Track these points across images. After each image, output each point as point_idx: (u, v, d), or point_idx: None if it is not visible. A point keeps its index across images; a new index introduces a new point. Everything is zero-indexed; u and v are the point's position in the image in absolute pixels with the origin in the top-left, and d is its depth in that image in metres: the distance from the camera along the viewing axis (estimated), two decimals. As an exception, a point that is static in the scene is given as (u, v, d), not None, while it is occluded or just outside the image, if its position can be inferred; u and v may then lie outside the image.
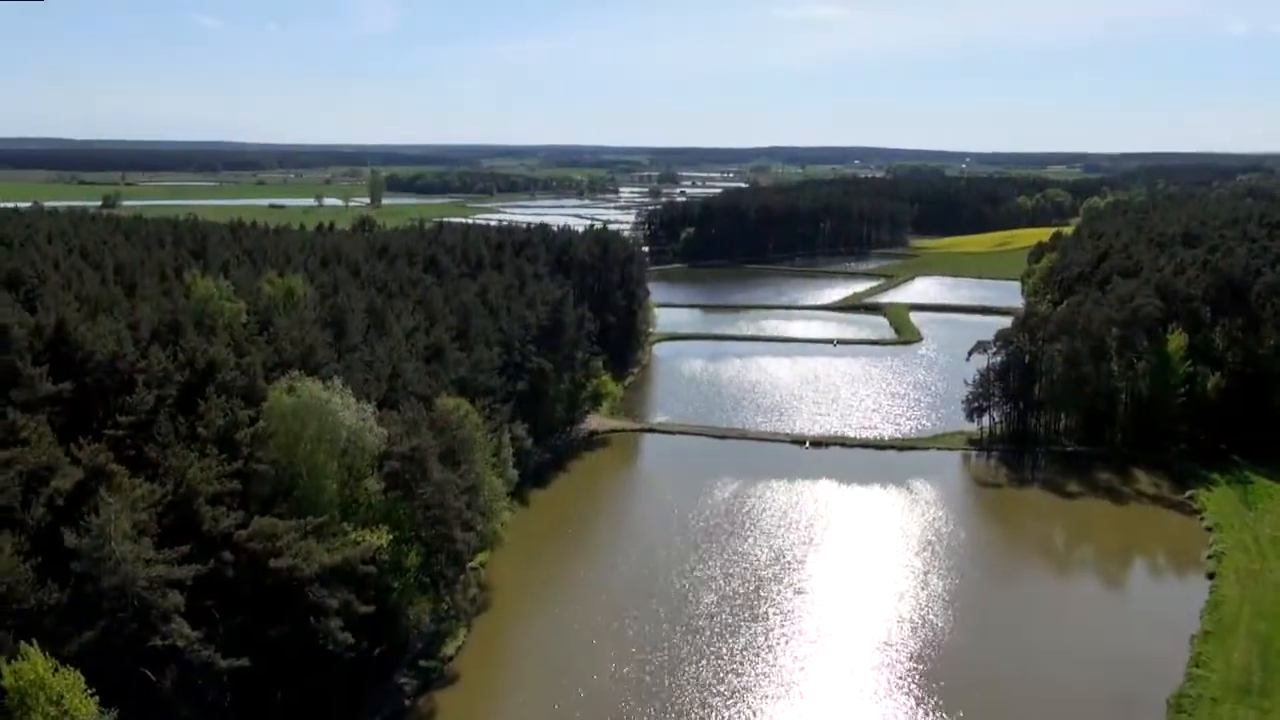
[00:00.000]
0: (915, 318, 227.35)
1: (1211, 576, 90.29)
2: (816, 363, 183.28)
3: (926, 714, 68.94)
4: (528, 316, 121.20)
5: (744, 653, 76.60)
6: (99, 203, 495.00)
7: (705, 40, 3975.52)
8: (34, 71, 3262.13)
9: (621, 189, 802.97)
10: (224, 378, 72.20)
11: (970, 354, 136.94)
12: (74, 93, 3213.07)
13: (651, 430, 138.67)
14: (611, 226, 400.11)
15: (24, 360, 69.64)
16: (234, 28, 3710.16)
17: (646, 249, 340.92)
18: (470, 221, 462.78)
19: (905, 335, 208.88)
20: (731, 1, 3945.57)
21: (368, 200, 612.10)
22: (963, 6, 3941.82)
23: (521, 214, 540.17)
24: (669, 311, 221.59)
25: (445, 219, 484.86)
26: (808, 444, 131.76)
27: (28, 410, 65.99)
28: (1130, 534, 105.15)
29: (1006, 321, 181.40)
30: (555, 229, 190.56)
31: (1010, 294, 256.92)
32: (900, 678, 73.46)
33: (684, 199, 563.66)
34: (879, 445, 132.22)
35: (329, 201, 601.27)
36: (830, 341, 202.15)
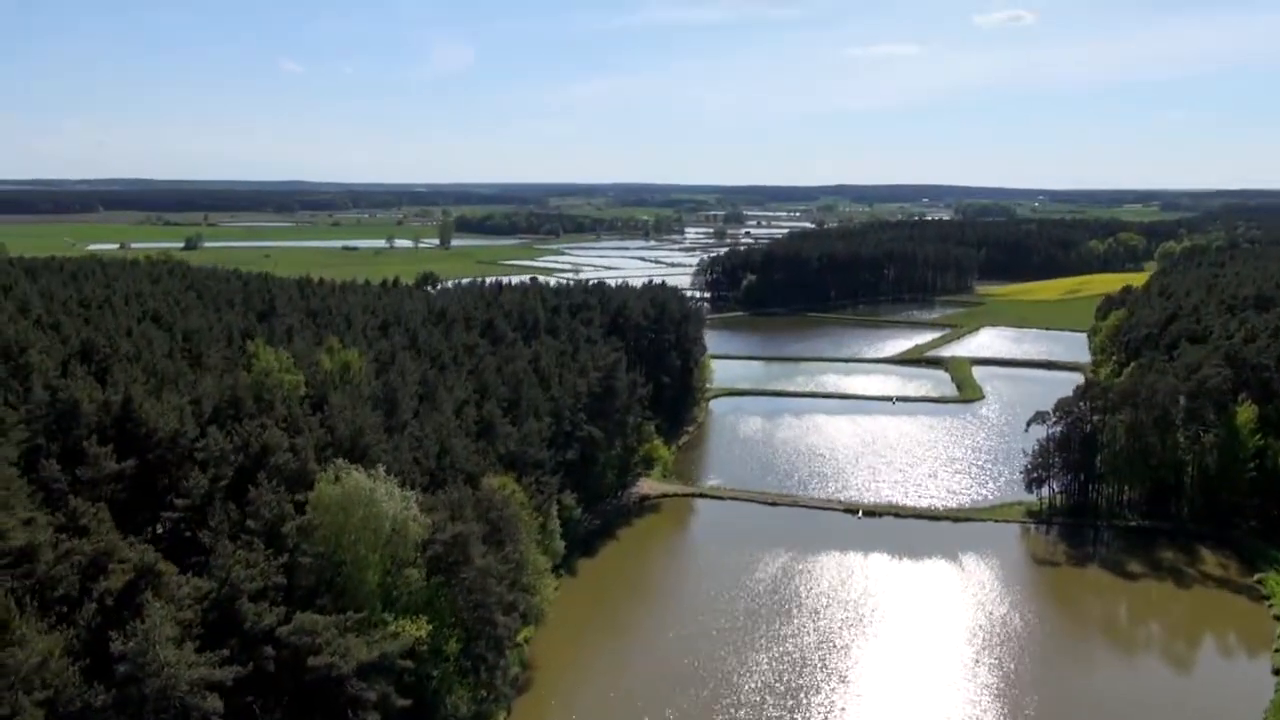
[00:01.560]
0: (978, 372, 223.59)
1: (1278, 673, 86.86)
2: (874, 422, 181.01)
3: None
4: (579, 385, 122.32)
5: (783, 747, 75.71)
6: (182, 244, 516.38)
7: (778, 80, 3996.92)
8: (127, 117, 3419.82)
9: (687, 229, 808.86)
10: (276, 461, 74.84)
11: (1029, 424, 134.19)
12: (163, 135, 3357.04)
13: (703, 495, 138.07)
14: (674, 270, 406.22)
15: (90, 439, 73.24)
16: (315, 71, 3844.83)
17: (707, 295, 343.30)
18: (534, 263, 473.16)
19: (967, 392, 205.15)
20: (805, 42, 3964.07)
21: (437, 241, 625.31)
22: (1036, 43, 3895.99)
23: (585, 255, 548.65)
24: (727, 364, 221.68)
25: (509, 261, 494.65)
26: (860, 513, 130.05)
27: (91, 489, 69.25)
28: (1194, 622, 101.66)
29: (1072, 378, 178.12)
30: (612, 286, 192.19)
31: (1078, 347, 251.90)
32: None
33: (749, 240, 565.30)
34: (934, 516, 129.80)
35: (399, 243, 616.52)
36: (890, 399, 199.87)
